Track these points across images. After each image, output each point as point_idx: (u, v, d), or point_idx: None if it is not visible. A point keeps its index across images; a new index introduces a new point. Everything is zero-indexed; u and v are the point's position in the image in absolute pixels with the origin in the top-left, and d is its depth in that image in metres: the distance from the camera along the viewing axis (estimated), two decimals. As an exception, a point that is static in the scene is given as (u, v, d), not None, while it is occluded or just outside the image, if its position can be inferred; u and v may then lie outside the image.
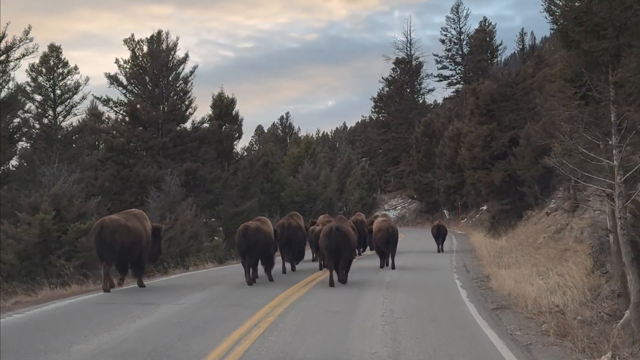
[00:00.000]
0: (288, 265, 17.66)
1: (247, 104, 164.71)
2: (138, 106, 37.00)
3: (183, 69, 38.23)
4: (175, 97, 37.68)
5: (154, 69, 37.50)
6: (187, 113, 38.35)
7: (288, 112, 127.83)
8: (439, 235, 26.38)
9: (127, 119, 37.09)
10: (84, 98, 46.06)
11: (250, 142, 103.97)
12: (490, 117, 36.59)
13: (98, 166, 36.81)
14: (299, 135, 77.18)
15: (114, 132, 37.47)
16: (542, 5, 8.71)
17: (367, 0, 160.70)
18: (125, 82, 38.30)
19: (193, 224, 27.91)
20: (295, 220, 17.70)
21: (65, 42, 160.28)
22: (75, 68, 45.61)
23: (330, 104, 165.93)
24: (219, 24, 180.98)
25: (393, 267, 17.83)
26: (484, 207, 53.02)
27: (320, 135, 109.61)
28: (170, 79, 37.85)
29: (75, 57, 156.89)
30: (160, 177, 32.12)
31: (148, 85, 38.03)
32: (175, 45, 38.06)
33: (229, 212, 39.78)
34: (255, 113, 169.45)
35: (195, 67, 38.40)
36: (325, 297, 11.79)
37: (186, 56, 38.04)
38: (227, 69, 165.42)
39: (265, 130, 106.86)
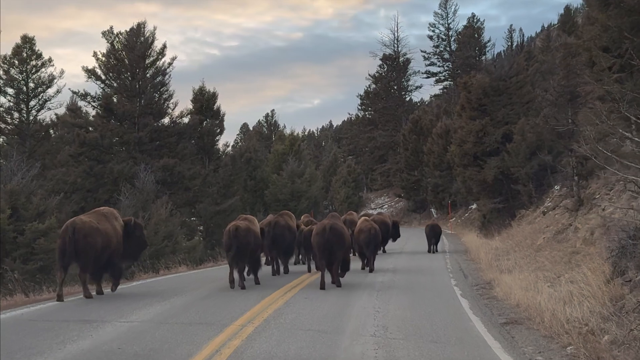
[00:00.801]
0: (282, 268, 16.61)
1: (233, 102, 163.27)
2: (114, 99, 35.08)
3: (163, 62, 36.35)
4: (152, 90, 35.72)
5: (131, 60, 35.58)
6: (166, 107, 36.49)
7: (273, 110, 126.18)
8: (433, 235, 24.82)
9: (100, 112, 35.14)
10: (58, 92, 44.02)
11: (236, 140, 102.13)
12: (483, 112, 35.02)
13: (70, 162, 34.79)
14: (284, 132, 75.26)
15: (88, 126, 35.47)
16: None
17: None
18: (103, 76, 36.33)
19: (168, 223, 26.08)
20: (283, 219, 16.45)
21: (50, 40, 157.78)
22: (50, 60, 43.61)
23: (316, 102, 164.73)
24: (205, 22, 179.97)
25: (371, 270, 16.60)
26: (473, 206, 51.63)
27: (306, 133, 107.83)
28: (147, 70, 35.90)
29: (59, 55, 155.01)
30: (135, 174, 30.25)
31: (127, 79, 36.05)
32: (153, 35, 36.14)
33: (209, 211, 38.01)
34: (241, 112, 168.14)
35: (173, 59, 36.52)
36: (306, 309, 10.06)
37: (164, 47, 36.13)
38: (213, 67, 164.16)
39: (251, 129, 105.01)
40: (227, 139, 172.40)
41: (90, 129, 34.99)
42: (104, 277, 12.91)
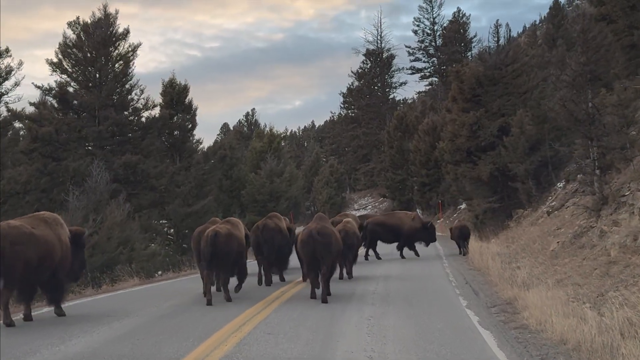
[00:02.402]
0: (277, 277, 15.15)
1: (214, 104, 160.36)
2: (70, 89, 31.68)
3: (126, 49, 32.99)
4: (113, 80, 32.34)
5: (90, 47, 32.22)
6: (129, 98, 33.13)
7: (254, 109, 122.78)
8: (462, 237, 22.84)
9: (56, 104, 31.71)
10: (16, 84, 40.45)
11: (216, 140, 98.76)
12: (476, 103, 32.06)
13: (23, 160, 31.35)
14: (264, 130, 72.00)
15: (42, 120, 31.97)
16: None
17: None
18: (70, 69, 32.90)
19: (124, 227, 22.79)
20: (273, 222, 14.82)
21: (30, 41, 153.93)
22: (7, 50, 40.11)
23: (298, 104, 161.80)
24: (185, 23, 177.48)
25: (350, 276, 15.30)
26: (462, 206, 48.93)
27: (287, 133, 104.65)
28: (108, 58, 32.50)
29: (40, 56, 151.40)
30: (88, 172, 26.96)
31: (87, 68, 32.61)
32: (115, 19, 32.78)
33: (180, 213, 34.76)
34: (223, 113, 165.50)
35: (138, 45, 33.15)
36: (271, 345, 6.94)
37: (126, 32, 32.77)
38: (194, 68, 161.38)
39: (232, 129, 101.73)
40: (208, 140, 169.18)
41: (45, 122, 31.55)
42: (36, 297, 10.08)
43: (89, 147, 32.32)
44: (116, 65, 32.37)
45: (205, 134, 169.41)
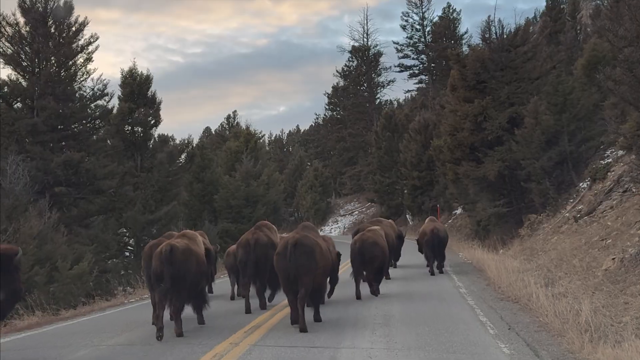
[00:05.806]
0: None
1: (198, 110, 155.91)
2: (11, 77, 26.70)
3: (70, 26, 28.04)
4: (54, 63, 27.39)
5: (27, 25, 27.28)
6: (74, 85, 28.13)
7: (235, 111, 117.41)
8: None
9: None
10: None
11: (182, 139, 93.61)
12: (481, 91, 27.45)
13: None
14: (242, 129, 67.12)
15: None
16: None
17: (318, 4, 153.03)
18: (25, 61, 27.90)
19: (43, 240, 17.82)
20: (265, 234, 12.40)
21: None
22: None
23: (282, 109, 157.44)
24: (168, 28, 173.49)
25: (376, 294, 13.03)
26: (458, 211, 44.52)
27: (272, 138, 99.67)
28: (49, 38, 27.52)
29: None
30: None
31: (25, 49, 27.64)
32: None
33: (140, 220, 29.86)
34: (207, 119, 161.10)
35: (84, 23, 28.16)
36: None
37: (71, 6, 27.80)
38: (177, 74, 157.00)
39: (213, 132, 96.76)
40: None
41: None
42: None
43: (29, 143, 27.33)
44: (56, 43, 27.40)
45: (184, 136, 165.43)
